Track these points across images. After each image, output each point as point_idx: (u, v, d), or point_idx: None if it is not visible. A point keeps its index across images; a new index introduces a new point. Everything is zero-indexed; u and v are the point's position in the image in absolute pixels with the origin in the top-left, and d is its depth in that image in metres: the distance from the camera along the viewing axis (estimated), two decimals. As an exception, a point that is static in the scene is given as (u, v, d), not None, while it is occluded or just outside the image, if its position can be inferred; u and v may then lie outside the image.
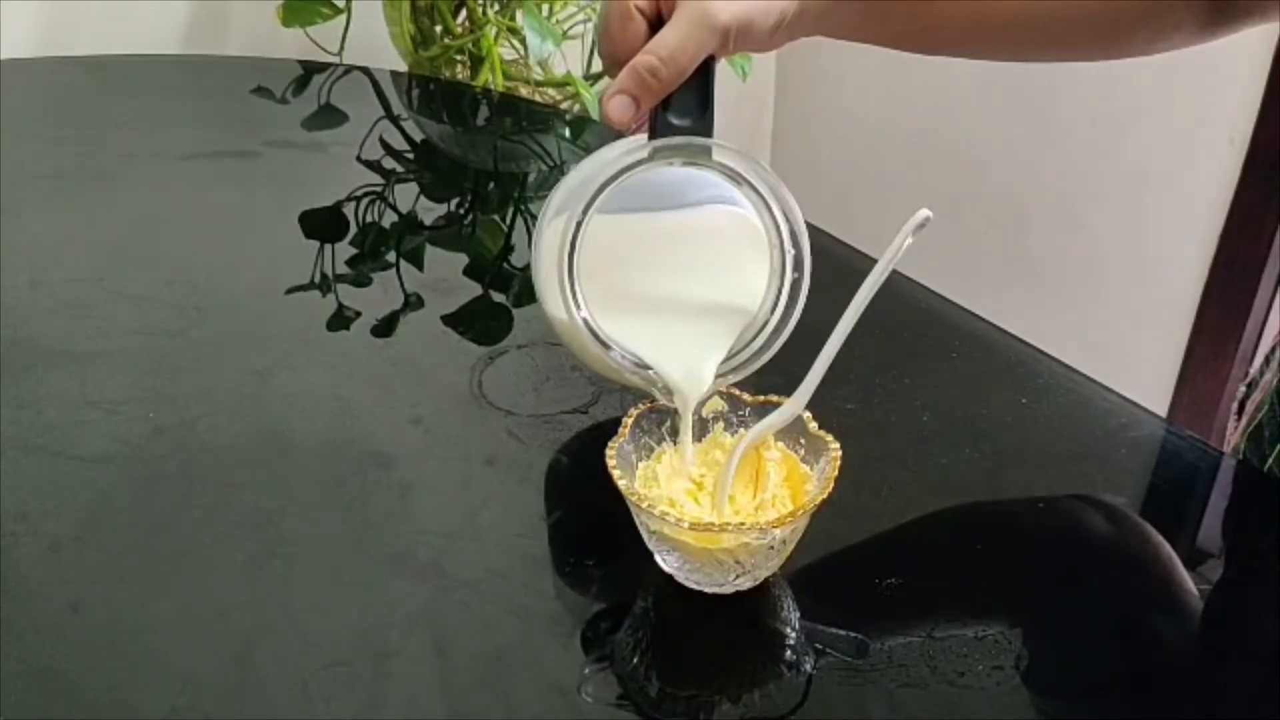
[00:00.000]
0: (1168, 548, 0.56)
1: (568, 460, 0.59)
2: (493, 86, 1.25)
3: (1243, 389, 0.73)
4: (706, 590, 0.50)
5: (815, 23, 0.54)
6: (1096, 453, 0.60)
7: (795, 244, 0.51)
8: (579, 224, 0.49)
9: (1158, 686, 0.49)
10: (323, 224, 0.83)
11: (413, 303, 0.72)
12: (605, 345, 0.51)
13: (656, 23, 0.50)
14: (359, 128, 1.01)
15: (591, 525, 0.55)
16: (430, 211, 0.86)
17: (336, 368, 0.66)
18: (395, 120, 1.06)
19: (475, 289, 0.74)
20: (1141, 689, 0.48)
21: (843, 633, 0.49)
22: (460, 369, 0.66)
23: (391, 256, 0.79)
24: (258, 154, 0.96)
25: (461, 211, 0.88)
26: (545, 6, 1.26)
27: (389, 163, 0.95)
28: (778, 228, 0.51)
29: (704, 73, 0.50)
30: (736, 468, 0.51)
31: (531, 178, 0.97)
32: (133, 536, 0.54)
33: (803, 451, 0.52)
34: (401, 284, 0.75)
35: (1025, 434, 0.61)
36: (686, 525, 0.46)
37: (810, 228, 0.51)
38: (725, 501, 0.51)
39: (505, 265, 0.80)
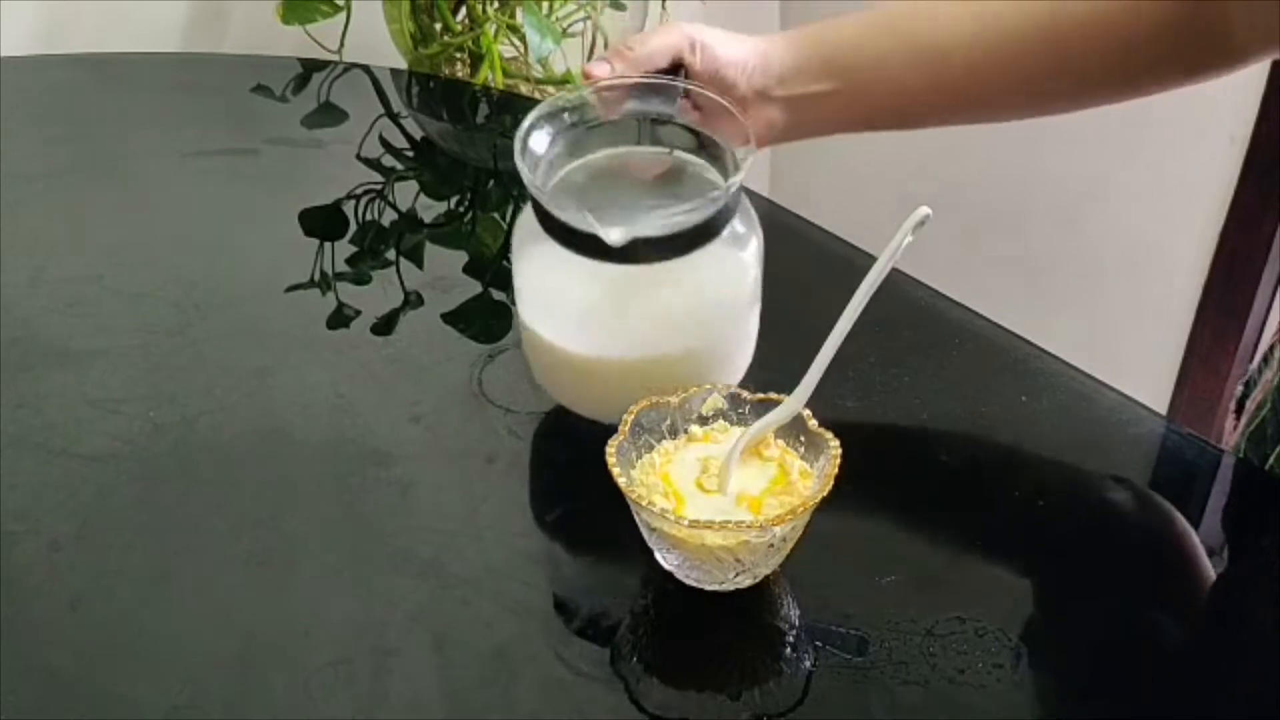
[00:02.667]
0: (1169, 545, 0.56)
1: (567, 458, 0.59)
2: (493, 84, 1.25)
3: (1241, 388, 0.73)
4: (706, 588, 0.50)
5: (799, 127, 0.61)
6: (1097, 450, 0.60)
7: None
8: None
9: (1157, 685, 0.49)
10: (322, 222, 0.83)
11: (412, 300, 0.72)
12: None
13: None
14: (359, 125, 1.01)
15: (591, 523, 0.55)
16: (430, 209, 0.86)
17: (336, 366, 0.66)
18: (395, 118, 1.06)
19: (475, 287, 0.74)
20: (1141, 688, 0.48)
21: (842, 630, 0.49)
22: (460, 367, 0.66)
23: (391, 254, 0.79)
24: (257, 152, 0.96)
25: (461, 209, 0.88)
26: (545, 4, 1.26)
27: (389, 160, 0.95)
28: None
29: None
30: (738, 461, 0.51)
31: (531, 176, 0.97)
32: (133, 536, 0.54)
33: (803, 449, 0.52)
34: (401, 282, 0.75)
35: (1025, 431, 0.61)
36: (686, 523, 0.46)
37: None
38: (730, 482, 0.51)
39: (505, 263, 0.80)
